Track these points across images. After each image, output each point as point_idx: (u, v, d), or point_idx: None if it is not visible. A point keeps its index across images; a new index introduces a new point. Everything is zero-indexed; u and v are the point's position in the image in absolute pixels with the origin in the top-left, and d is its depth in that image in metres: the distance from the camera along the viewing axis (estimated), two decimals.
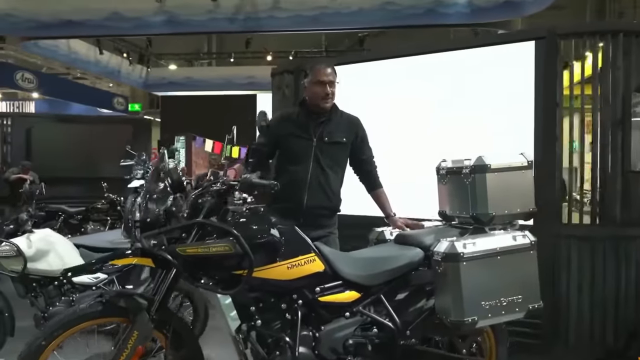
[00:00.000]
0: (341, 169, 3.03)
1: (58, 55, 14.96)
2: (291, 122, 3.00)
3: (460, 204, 2.55)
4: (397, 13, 10.91)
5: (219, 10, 11.39)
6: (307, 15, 11.17)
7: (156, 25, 11.82)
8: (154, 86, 19.52)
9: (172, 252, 2.03)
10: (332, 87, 2.90)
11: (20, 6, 11.75)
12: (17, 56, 17.32)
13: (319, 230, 2.92)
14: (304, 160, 2.92)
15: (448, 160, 2.72)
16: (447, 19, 11.03)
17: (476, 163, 2.48)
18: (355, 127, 3.06)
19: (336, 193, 3.00)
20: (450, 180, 2.62)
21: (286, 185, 2.87)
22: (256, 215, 2.23)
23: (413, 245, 2.44)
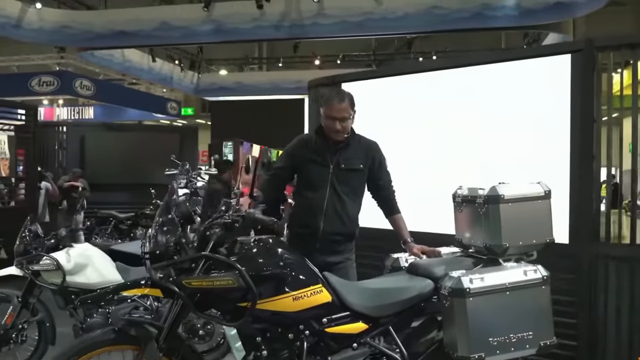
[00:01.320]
0: (358, 195, 2.99)
1: (113, 64, 15.61)
2: (308, 148, 2.96)
3: (475, 233, 2.49)
4: (444, 17, 10.73)
5: (265, 18, 11.55)
6: (353, 21, 11.15)
7: (204, 34, 12.12)
8: (205, 91, 19.99)
9: (178, 284, 2.08)
10: (343, 122, 2.84)
11: (76, 18, 12.33)
12: (76, 64, 18.10)
13: (335, 256, 2.89)
14: (320, 186, 2.88)
15: (464, 187, 2.65)
16: (495, 22, 10.78)
17: (489, 193, 2.41)
18: (372, 152, 3.00)
19: (352, 219, 2.96)
20: (465, 208, 2.56)
21: (303, 211, 2.93)
22: (264, 246, 2.24)
23: (424, 276, 2.38)
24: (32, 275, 3.84)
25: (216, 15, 11.67)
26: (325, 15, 11.19)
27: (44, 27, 12.16)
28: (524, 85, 3.87)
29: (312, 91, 5.35)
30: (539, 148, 3.73)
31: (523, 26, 11.77)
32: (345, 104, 2.86)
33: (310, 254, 2.77)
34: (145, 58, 16.51)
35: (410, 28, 11.35)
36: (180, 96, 23.91)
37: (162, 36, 12.14)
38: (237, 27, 11.78)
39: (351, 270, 2.97)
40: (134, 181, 9.96)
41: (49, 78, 15.68)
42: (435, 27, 11.29)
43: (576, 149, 3.66)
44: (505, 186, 2.43)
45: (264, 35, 12.07)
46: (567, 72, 3.71)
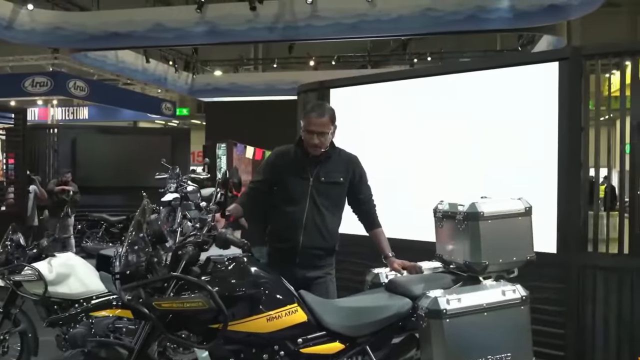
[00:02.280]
0: (338, 208, 2.93)
1: (106, 65, 15.53)
2: (288, 160, 2.90)
3: (455, 250, 2.46)
4: (439, 19, 10.69)
5: (258, 20, 11.48)
6: (347, 23, 11.09)
7: (197, 36, 12.06)
8: (200, 92, 19.90)
9: (148, 306, 2.02)
10: (322, 137, 2.78)
11: (69, 19, 12.26)
12: (71, 65, 17.99)
13: (315, 271, 2.84)
14: (300, 200, 2.82)
15: (445, 202, 2.61)
16: (490, 24, 10.74)
17: (469, 210, 2.37)
18: (353, 165, 2.94)
19: (332, 233, 2.89)
20: (446, 223, 2.53)
21: (282, 225, 2.86)
22: (237, 266, 2.17)
23: (402, 294, 2.33)
24: (13, 286, 3.79)
25: (210, 17, 11.61)
26: (318, 17, 11.14)
27: (35, 28, 12.08)
28: (512, 92, 3.84)
29: (302, 97, 5.31)
30: (527, 156, 3.70)
31: (517, 28, 11.75)
32: (325, 119, 2.80)
33: (290, 269, 2.75)
34: (139, 59, 16.43)
35: (404, 30, 11.32)
36: (176, 97, 23.81)
37: (156, 37, 12.07)
38: (231, 29, 11.72)
39: (331, 286, 2.91)
40: (125, 184, 9.91)
41: (42, 79, 15.57)
42: (429, 30, 11.25)
43: (564, 157, 3.63)
44: (485, 202, 2.40)
45: (257, 37, 12.02)
46: (555, 80, 3.68)
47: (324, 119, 2.80)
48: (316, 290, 2.73)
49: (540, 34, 12.74)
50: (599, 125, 3.78)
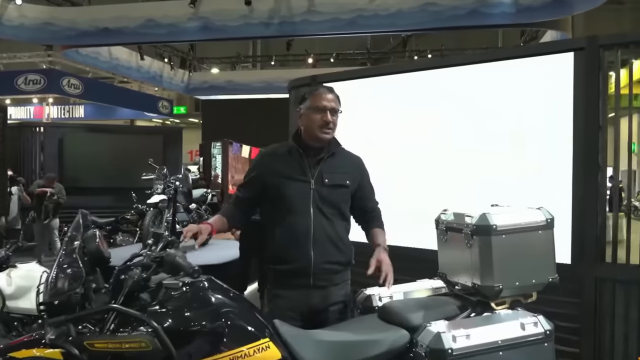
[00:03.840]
0: (345, 216, 2.45)
1: (99, 62, 15.21)
2: (282, 161, 2.39)
3: (462, 270, 2.06)
4: (439, 14, 10.38)
5: (254, 15, 11.19)
6: (344, 18, 10.80)
7: (191, 32, 11.74)
8: (196, 90, 19.64)
9: (79, 346, 1.65)
10: (333, 115, 2.36)
11: (58, 15, 11.94)
12: (65, 62, 17.69)
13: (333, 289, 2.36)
14: (301, 208, 2.33)
15: (449, 212, 2.21)
16: (492, 20, 10.43)
17: (478, 222, 1.94)
18: (359, 168, 2.50)
19: (347, 243, 2.42)
20: (450, 237, 2.13)
21: (284, 242, 2.35)
22: (195, 292, 1.77)
23: (397, 323, 1.95)
24: None
25: (203, 12, 11.30)
26: (315, 12, 10.85)
27: (24, 23, 11.76)
28: (521, 87, 3.46)
29: (293, 93, 4.93)
30: (538, 156, 3.33)
31: (520, 24, 11.44)
32: (334, 96, 2.41)
33: (305, 294, 2.32)
34: (133, 56, 16.11)
35: (403, 25, 10.98)
36: (173, 95, 23.53)
37: (148, 33, 11.79)
38: (225, 24, 11.42)
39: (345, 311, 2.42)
40: (115, 185, 9.58)
41: (35, 76, 15.34)
42: (429, 25, 10.92)
43: (580, 158, 3.27)
44: (498, 213, 1.99)
45: (252, 32, 11.68)
46: (569, 73, 3.31)
47: (334, 95, 2.40)
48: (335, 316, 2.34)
49: (544, 29, 12.41)
50: (618, 123, 3.43)
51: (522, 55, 3.55)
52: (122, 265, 1.78)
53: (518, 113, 3.42)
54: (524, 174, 3.32)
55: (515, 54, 3.69)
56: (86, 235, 1.77)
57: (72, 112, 21.44)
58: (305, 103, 2.41)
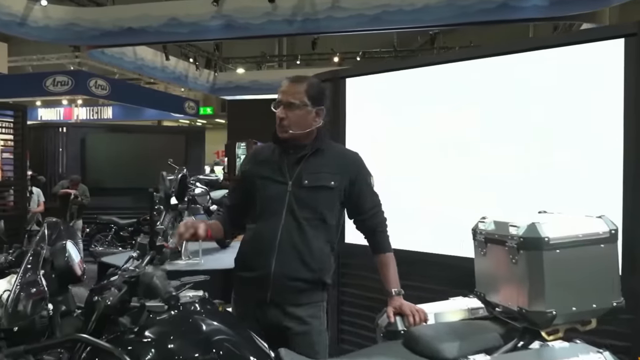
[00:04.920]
0: (327, 224, 2.13)
1: (124, 63, 15.19)
2: (262, 162, 2.18)
3: (505, 290, 1.71)
4: (467, 9, 9.99)
5: (277, 12, 10.99)
6: (369, 15, 10.51)
7: (214, 30, 11.61)
8: (222, 90, 19.56)
9: None
10: (289, 109, 2.07)
11: (82, 15, 11.93)
12: (93, 64, 17.78)
13: (295, 310, 2.07)
14: (273, 211, 2.09)
15: (489, 219, 1.84)
16: (522, 13, 10.00)
17: (527, 234, 1.59)
18: (350, 165, 2.18)
19: (319, 258, 2.09)
20: (490, 250, 1.77)
21: (249, 247, 2.15)
22: (184, 316, 1.51)
23: (427, 356, 1.61)
24: None
25: (226, 10, 11.15)
26: (339, 9, 10.59)
27: (49, 24, 11.77)
28: (563, 78, 3.10)
29: None
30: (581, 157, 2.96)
31: (553, 17, 10.94)
32: (300, 87, 2.09)
33: (261, 309, 2.07)
34: (158, 56, 16.06)
35: (430, 21, 10.62)
36: (200, 95, 23.53)
37: (171, 32, 11.68)
38: (248, 23, 11.25)
39: (319, 336, 2.12)
40: (136, 185, 9.44)
41: (63, 78, 15.44)
42: (456, 20, 10.55)
43: (632, 159, 2.89)
44: (549, 222, 1.64)
45: (276, 30, 11.48)
46: (619, 62, 2.94)
47: (297, 86, 2.10)
48: (297, 341, 2.03)
49: (578, 22, 11.89)
50: None
51: (563, 43, 3.18)
52: (96, 284, 1.52)
53: (558, 107, 3.06)
54: (564, 176, 2.96)
55: (555, 42, 3.32)
56: (54, 248, 1.51)
57: (100, 113, 21.68)
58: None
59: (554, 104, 3.09)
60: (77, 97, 20.16)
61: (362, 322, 3.75)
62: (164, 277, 1.48)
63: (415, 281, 2.84)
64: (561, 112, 3.06)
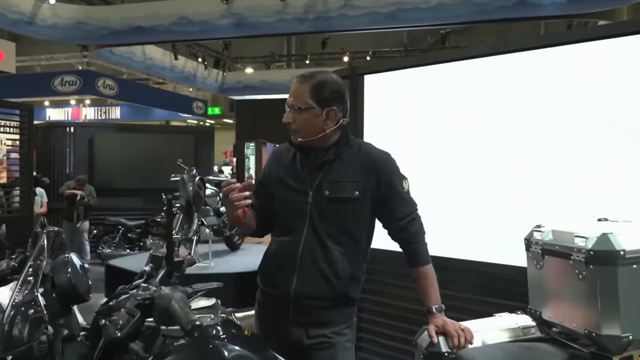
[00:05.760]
0: (354, 238, 1.92)
1: (133, 62, 15.08)
2: (283, 165, 1.98)
3: (568, 309, 1.50)
4: (484, 6, 9.77)
5: (288, 11, 10.81)
6: (382, 12, 10.30)
7: (224, 29, 11.44)
8: (230, 90, 19.42)
9: None
10: (296, 113, 1.87)
11: (91, 14, 11.81)
12: (101, 63, 17.70)
13: (318, 329, 1.88)
14: (295, 225, 1.89)
15: (546, 228, 1.63)
16: (541, 11, 9.76)
17: (598, 247, 1.39)
18: (377, 169, 1.92)
19: (344, 276, 1.88)
20: (549, 264, 1.56)
21: (271, 262, 1.97)
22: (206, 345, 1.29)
23: None
24: None
25: (236, 9, 10.98)
26: (352, 6, 10.38)
27: (58, 23, 11.65)
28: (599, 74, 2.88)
29: None
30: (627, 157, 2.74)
31: (570, 15, 10.71)
32: (304, 88, 1.88)
33: (284, 326, 1.90)
34: (167, 56, 15.94)
35: (445, 19, 10.39)
36: (208, 95, 23.41)
37: (181, 31, 11.52)
38: (259, 21, 11.07)
39: (343, 354, 1.92)
40: (145, 186, 9.32)
41: (71, 77, 15.37)
42: (473, 18, 10.31)
43: None
44: (622, 233, 1.43)
45: (287, 29, 11.29)
46: None
47: (302, 87, 1.88)
48: (319, 358, 1.87)
49: (594, 20, 11.66)
50: None
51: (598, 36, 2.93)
52: (103, 304, 1.32)
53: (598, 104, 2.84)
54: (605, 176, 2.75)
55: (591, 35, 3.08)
56: (55, 262, 1.32)
57: (108, 113, 21.63)
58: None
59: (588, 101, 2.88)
60: (85, 97, 20.11)
61: (380, 330, 3.57)
62: (184, 300, 1.27)
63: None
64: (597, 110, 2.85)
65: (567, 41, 2.95)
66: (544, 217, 2.72)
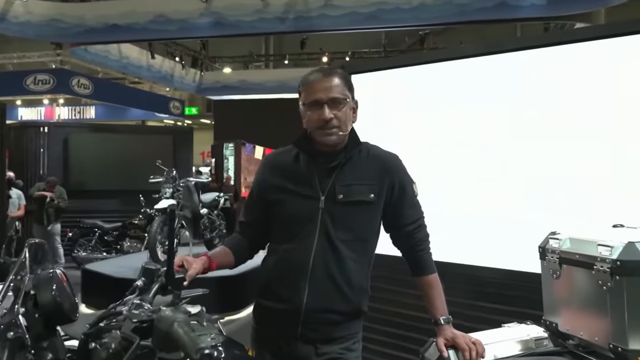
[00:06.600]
0: (367, 244, 1.84)
1: (109, 61, 14.77)
2: (285, 172, 1.84)
3: (589, 322, 1.42)
4: (465, 7, 9.81)
5: (268, 10, 10.68)
6: (363, 12, 10.27)
7: (203, 28, 11.26)
8: (208, 90, 19.19)
9: None
10: (336, 108, 1.73)
11: (66, 11, 11.51)
12: (76, 62, 17.31)
13: (328, 346, 1.77)
14: (305, 233, 1.77)
15: (563, 235, 1.54)
16: (521, 12, 9.83)
17: (624, 257, 1.32)
18: (390, 172, 1.84)
19: (357, 286, 1.79)
20: (568, 274, 1.48)
21: (277, 276, 1.82)
22: None
23: None
24: None
25: (215, 7, 10.81)
26: (333, 6, 10.32)
27: (30, 20, 11.32)
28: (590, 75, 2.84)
29: None
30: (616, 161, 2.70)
31: (550, 17, 10.81)
32: (336, 82, 1.76)
33: (289, 345, 1.78)
34: (144, 55, 15.65)
35: (426, 19, 10.40)
36: (185, 95, 23.12)
37: (158, 30, 11.27)
38: (239, 20, 10.91)
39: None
40: (122, 187, 9.12)
41: (44, 76, 15.00)
42: (453, 19, 10.34)
43: None
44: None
45: (267, 28, 11.15)
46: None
47: (334, 81, 1.75)
48: None
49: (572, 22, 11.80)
50: None
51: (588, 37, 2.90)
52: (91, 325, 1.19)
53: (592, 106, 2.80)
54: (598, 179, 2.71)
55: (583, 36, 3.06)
56: (38, 278, 1.18)
57: (82, 113, 21.25)
58: (300, 98, 1.81)
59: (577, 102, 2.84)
60: (58, 97, 19.69)
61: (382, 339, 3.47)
62: (188, 322, 1.15)
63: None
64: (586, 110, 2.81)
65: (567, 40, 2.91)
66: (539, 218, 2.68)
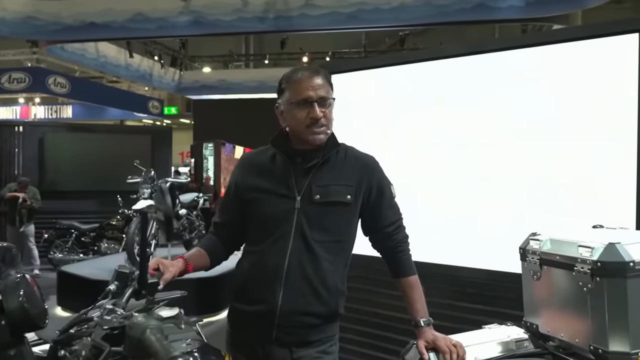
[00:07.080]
0: (343, 246, 1.82)
1: (86, 60, 14.56)
2: (261, 172, 1.81)
3: (569, 323, 1.41)
4: (444, 8, 9.88)
5: (248, 9, 10.63)
6: (344, 13, 10.28)
7: (182, 26, 11.14)
8: (187, 90, 19.04)
9: None
10: (324, 106, 1.73)
11: (42, 9, 11.28)
12: (53, 61, 17.03)
13: (304, 350, 1.75)
14: (280, 234, 1.74)
15: (544, 236, 1.53)
16: (499, 14, 9.93)
17: (605, 258, 1.30)
18: (368, 173, 1.83)
19: (333, 288, 1.77)
20: (548, 275, 1.47)
21: (250, 276, 1.79)
22: None
23: None
24: None
25: (195, 6, 10.71)
26: (313, 6, 10.31)
27: (5, 17, 11.09)
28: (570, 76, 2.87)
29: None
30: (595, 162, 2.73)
31: (528, 18, 10.95)
32: (323, 81, 1.76)
33: (264, 348, 1.75)
34: (122, 53, 15.45)
35: (406, 20, 10.45)
36: (164, 95, 22.90)
37: (136, 28, 11.14)
38: (218, 19, 10.83)
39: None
40: (99, 188, 8.98)
41: (19, 74, 14.69)
42: (433, 20, 10.40)
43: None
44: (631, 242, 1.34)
45: (247, 27, 11.10)
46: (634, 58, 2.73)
47: (321, 79, 1.75)
48: None
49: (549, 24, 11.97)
50: None
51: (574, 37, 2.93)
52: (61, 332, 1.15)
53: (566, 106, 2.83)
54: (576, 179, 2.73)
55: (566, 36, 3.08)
56: (4, 284, 1.13)
57: (59, 112, 20.88)
58: (284, 96, 1.78)
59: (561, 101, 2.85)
60: (34, 95, 19.35)
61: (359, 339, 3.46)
62: (160, 329, 1.11)
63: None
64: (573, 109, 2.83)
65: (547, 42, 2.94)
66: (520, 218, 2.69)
